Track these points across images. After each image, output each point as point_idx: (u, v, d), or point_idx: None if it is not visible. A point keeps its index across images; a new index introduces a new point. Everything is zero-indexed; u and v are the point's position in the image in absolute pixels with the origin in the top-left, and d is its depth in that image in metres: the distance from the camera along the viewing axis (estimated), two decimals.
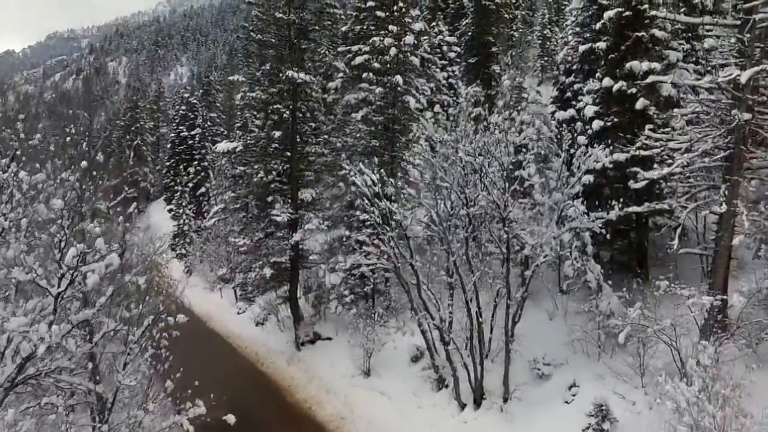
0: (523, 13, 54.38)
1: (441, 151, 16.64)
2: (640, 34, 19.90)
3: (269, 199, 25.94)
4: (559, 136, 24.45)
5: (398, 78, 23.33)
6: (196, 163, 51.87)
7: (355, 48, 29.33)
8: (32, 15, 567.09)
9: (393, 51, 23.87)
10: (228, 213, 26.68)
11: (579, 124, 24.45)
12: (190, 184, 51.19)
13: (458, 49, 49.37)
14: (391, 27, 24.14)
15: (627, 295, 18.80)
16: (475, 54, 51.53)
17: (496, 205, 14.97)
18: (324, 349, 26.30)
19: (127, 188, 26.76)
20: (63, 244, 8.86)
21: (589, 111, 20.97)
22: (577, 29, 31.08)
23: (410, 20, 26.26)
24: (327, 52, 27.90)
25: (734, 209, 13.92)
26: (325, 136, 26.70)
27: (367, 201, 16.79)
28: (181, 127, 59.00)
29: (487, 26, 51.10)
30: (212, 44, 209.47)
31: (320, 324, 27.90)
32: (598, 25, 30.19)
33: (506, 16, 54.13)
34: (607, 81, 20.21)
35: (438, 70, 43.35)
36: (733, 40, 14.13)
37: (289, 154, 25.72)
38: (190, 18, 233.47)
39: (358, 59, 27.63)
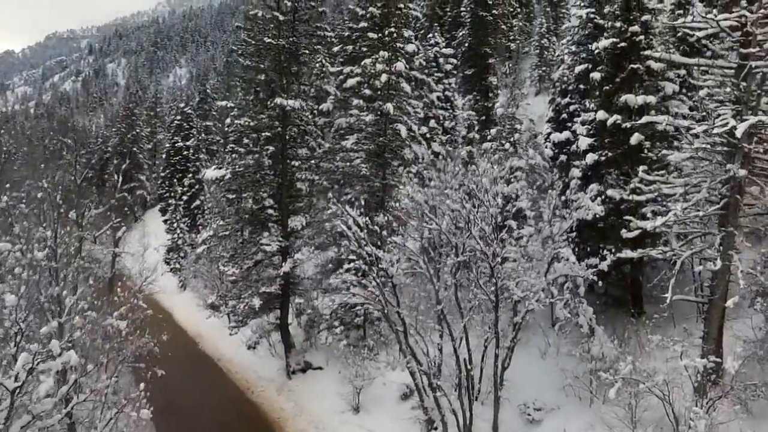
0: (520, 24, 53.68)
1: (430, 193, 16.19)
2: (635, 66, 19.44)
3: (259, 226, 25.53)
4: (551, 169, 24.15)
5: (389, 106, 22.88)
6: (190, 175, 51.36)
7: (347, 69, 28.90)
8: (32, 15, 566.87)
9: (384, 77, 23.41)
10: (217, 239, 26.18)
11: (574, 146, 24.10)
12: (185, 197, 50.71)
13: (455, 61, 48.79)
14: (382, 52, 23.66)
15: (619, 336, 18.40)
16: (471, 65, 51.06)
17: (485, 255, 14.53)
18: (314, 379, 25.89)
19: (114, 216, 26.52)
20: (19, 338, 8.42)
21: (583, 143, 20.51)
22: (573, 48, 30.54)
23: (401, 45, 25.81)
24: (318, 73, 27.43)
25: (729, 264, 13.48)
26: (316, 161, 26.25)
27: (354, 243, 16.35)
28: (176, 138, 58.52)
29: (484, 37, 50.62)
30: (211, 46, 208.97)
31: (311, 352, 27.48)
32: (594, 46, 29.99)
33: (503, 27, 53.64)
34: (601, 114, 19.75)
35: (433, 82, 42.82)
36: (728, 89, 13.65)
37: (278, 180, 25.29)
38: (189, 19, 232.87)
39: (350, 81, 27.19)
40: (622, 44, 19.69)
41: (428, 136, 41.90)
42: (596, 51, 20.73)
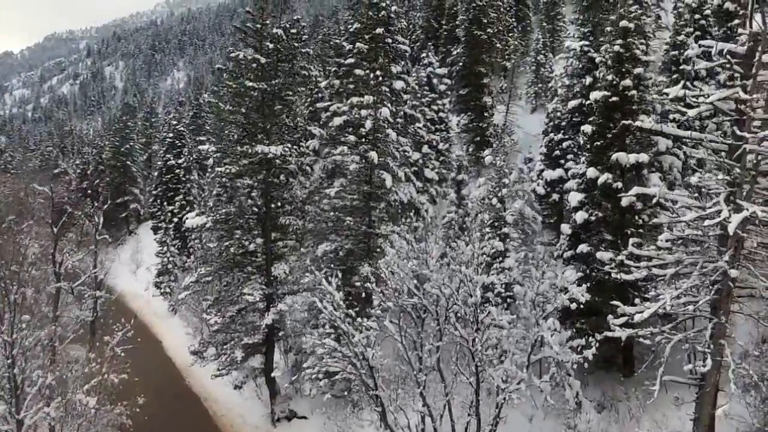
0: (515, 42, 52.84)
1: (409, 268, 15.46)
2: (627, 121, 18.69)
3: (242, 271, 24.83)
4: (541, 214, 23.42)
5: (373, 155, 22.14)
6: (181, 197, 50.64)
7: (333, 107, 28.19)
8: (31, 15, 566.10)
9: (369, 124, 22.67)
10: (200, 285, 25.48)
11: (568, 183, 23.33)
12: (175, 219, 50.02)
13: (449, 82, 48.03)
14: (367, 97, 22.92)
15: (608, 401, 17.74)
16: (466, 84, 50.23)
17: (465, 340, 13.84)
18: (299, 429, 25.27)
19: (95, 256, 25.69)
20: None
21: (574, 199, 19.77)
22: (567, 81, 29.80)
23: (388, 84, 25.09)
24: (303, 112, 26.72)
25: (719, 357, 12.77)
26: (301, 203, 25.54)
27: (333, 316, 15.65)
28: (168, 156, 57.77)
29: (478, 56, 49.77)
30: (209, 49, 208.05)
31: (296, 399, 26.84)
32: (588, 80, 29.23)
33: (498, 45, 52.75)
34: (592, 171, 19.00)
35: (426, 108, 42.04)
36: (721, 176, 12.90)
37: (262, 225, 24.59)
38: (187, 22, 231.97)
39: (337, 120, 26.49)
40: (614, 98, 18.95)
41: (421, 162, 41.38)
42: (588, 102, 19.97)
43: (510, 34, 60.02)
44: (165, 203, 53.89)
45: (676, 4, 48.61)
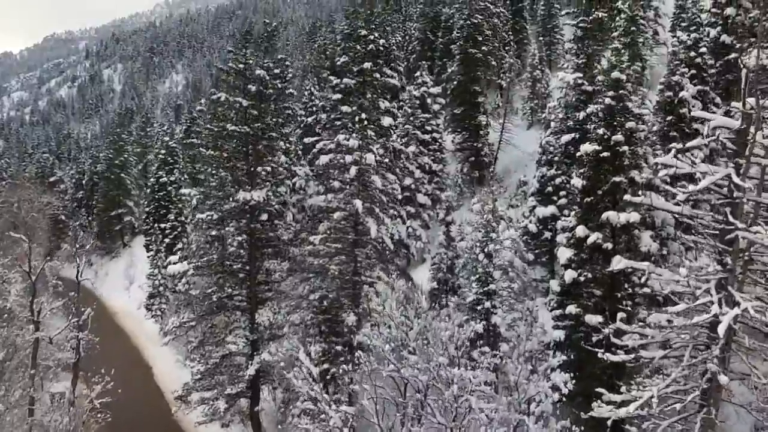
0: (511, 61, 52.07)
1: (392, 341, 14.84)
2: (618, 179, 18.04)
3: (226, 316, 24.26)
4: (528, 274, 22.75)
5: (358, 203, 21.49)
6: (172, 218, 49.97)
7: (320, 144, 27.54)
8: (31, 16, 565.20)
9: (353, 171, 22.02)
10: (184, 330, 24.90)
11: (558, 237, 22.70)
12: (167, 240, 49.39)
13: (443, 101, 47.23)
14: (352, 141, 22.27)
15: None
16: (460, 103, 49.42)
17: (444, 426, 13.21)
18: None
19: (74, 309, 25.00)
20: None
21: (563, 256, 19.10)
22: (560, 114, 29.08)
23: (373, 126, 24.45)
24: (290, 148, 26.09)
25: None
26: (286, 246, 24.93)
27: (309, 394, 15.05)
28: (161, 172, 57.13)
29: (473, 74, 48.97)
30: (207, 51, 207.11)
31: None
32: (581, 116, 28.54)
33: (494, 63, 51.93)
34: (581, 230, 18.33)
35: (419, 132, 41.34)
36: (711, 268, 12.25)
37: (246, 269, 23.99)
38: (185, 24, 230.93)
39: (323, 159, 25.81)
40: (605, 153, 18.27)
41: (413, 187, 40.72)
42: (579, 155, 19.29)
43: (506, 47, 59.19)
44: (157, 221, 53.31)
45: (672, 23, 48.16)
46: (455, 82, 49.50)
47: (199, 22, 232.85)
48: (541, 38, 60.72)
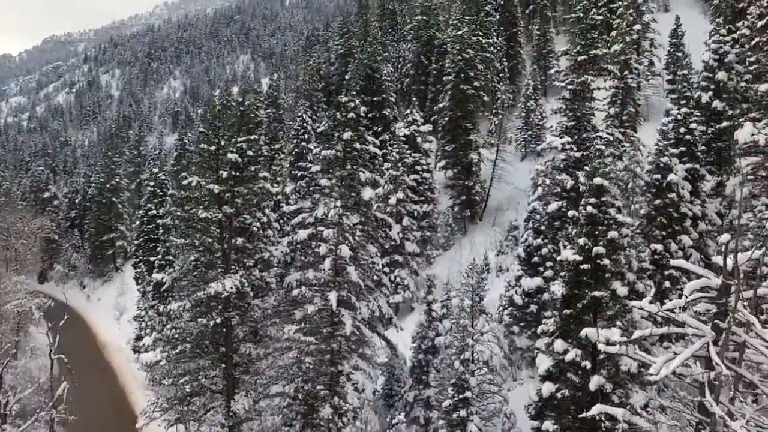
0: (503, 97, 51.19)
1: None
2: (598, 294, 17.22)
3: (201, 402, 23.56)
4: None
5: (332, 298, 20.71)
6: (160, 257, 49.23)
7: (298, 217, 26.76)
8: (30, 17, 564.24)
9: (328, 263, 21.24)
10: (160, 411, 24.20)
11: (537, 342, 21.70)
12: (156, 277, 48.60)
13: (433, 139, 46.44)
14: (327, 231, 21.50)
15: None
16: (452, 140, 48.61)
17: None
18: None
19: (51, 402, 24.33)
20: None
21: (542, 365, 18.24)
22: (548, 180, 28.24)
23: (355, 197, 23.74)
24: (264, 228, 25.33)
25: None
26: (260, 326, 24.22)
27: None
28: (150, 205, 56.39)
29: (465, 111, 48.13)
30: (205, 57, 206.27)
31: None
32: (569, 183, 27.73)
33: (486, 98, 51.02)
34: (560, 344, 17.51)
35: (408, 179, 40.55)
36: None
37: (222, 351, 23.27)
38: (183, 29, 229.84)
39: (302, 234, 25.03)
40: (585, 265, 17.44)
41: (401, 235, 39.94)
42: (559, 260, 18.48)
43: (500, 76, 58.19)
44: (146, 255, 52.61)
45: (669, 51, 47.27)
46: (446, 118, 48.67)
47: (197, 27, 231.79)
48: (535, 67, 59.61)
